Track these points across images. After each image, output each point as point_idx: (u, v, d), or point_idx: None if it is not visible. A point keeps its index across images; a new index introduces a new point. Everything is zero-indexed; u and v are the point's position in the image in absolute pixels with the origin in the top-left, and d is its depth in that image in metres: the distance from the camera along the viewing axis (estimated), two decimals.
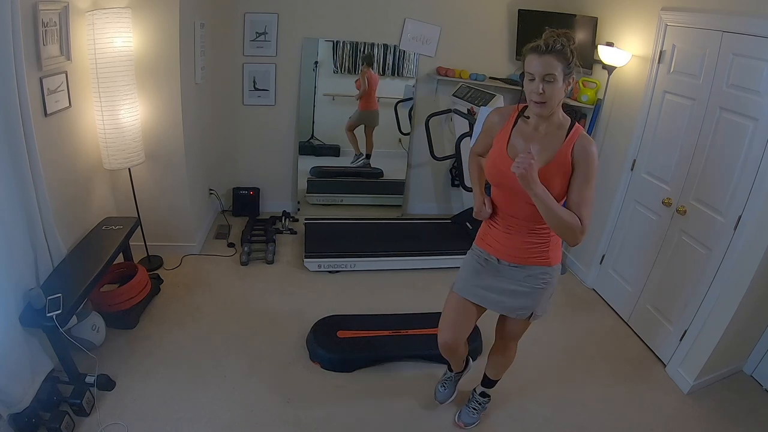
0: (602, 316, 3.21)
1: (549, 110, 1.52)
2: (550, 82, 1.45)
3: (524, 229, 1.69)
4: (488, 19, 3.94)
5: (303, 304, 3.03)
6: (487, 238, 1.82)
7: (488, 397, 2.25)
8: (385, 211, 4.39)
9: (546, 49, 1.44)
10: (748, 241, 2.25)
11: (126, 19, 2.61)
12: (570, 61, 1.46)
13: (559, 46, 1.44)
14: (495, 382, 2.20)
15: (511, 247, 1.73)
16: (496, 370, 2.15)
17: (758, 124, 2.20)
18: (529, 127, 1.62)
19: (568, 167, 1.54)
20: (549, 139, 1.57)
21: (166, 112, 2.99)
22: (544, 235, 1.69)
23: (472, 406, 2.24)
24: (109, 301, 2.59)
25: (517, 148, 1.61)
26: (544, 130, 1.59)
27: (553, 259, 1.74)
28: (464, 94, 3.52)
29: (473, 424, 2.23)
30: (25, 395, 1.97)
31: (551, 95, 1.47)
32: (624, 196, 3.14)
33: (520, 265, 1.74)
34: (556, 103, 1.51)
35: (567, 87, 1.50)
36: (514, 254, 1.74)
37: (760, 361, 2.68)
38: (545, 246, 1.70)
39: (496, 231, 1.77)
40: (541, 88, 1.46)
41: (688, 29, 2.60)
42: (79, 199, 2.66)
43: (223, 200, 4.12)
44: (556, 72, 1.44)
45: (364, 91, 3.96)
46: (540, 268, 1.73)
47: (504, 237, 1.74)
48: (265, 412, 2.23)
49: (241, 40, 3.70)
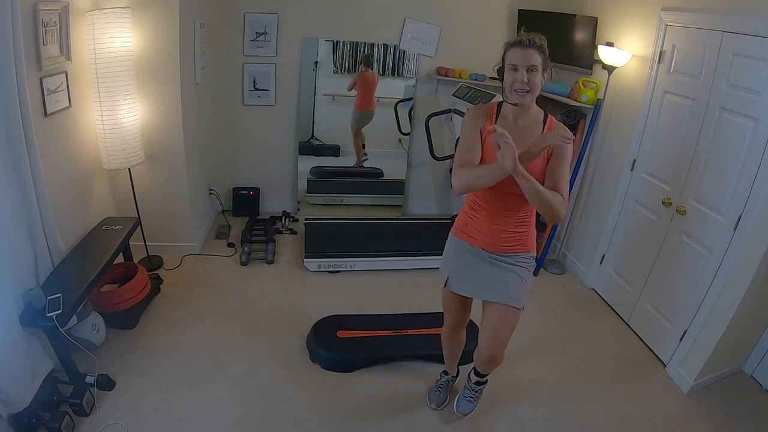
0: (602, 316, 3.21)
1: (531, 99, 1.64)
2: (533, 71, 1.59)
3: (511, 220, 1.79)
4: (488, 19, 3.94)
5: (303, 304, 3.03)
6: (468, 228, 1.87)
7: (484, 384, 2.18)
8: (385, 211, 4.39)
9: (528, 44, 1.59)
10: (748, 241, 2.25)
11: (126, 19, 2.61)
12: (546, 56, 1.62)
13: (538, 41, 1.60)
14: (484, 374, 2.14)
15: (495, 237, 1.81)
16: (489, 367, 2.05)
17: (758, 124, 2.20)
18: (508, 121, 1.72)
19: (547, 154, 1.66)
20: (528, 131, 1.70)
21: (166, 112, 2.99)
22: (525, 224, 1.81)
23: (468, 395, 2.21)
24: (109, 301, 2.59)
25: None
26: (522, 123, 1.71)
27: (531, 245, 1.86)
28: (464, 94, 3.52)
29: (471, 412, 2.21)
30: (25, 395, 1.97)
31: (534, 84, 1.61)
32: (624, 196, 3.14)
33: (504, 254, 1.83)
34: (536, 93, 1.64)
35: (544, 80, 1.64)
36: (498, 243, 1.81)
37: (760, 361, 2.68)
38: (525, 235, 1.83)
39: (480, 221, 1.83)
40: (525, 78, 1.59)
41: (688, 29, 2.60)
42: (79, 199, 2.67)
43: (223, 200, 4.12)
44: (537, 63, 1.59)
45: (353, 85, 3.96)
46: (522, 255, 1.84)
47: (488, 227, 1.81)
48: (265, 412, 2.23)
49: (241, 40, 3.70)
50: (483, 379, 2.16)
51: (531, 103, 1.66)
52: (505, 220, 1.78)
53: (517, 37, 1.63)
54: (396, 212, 4.42)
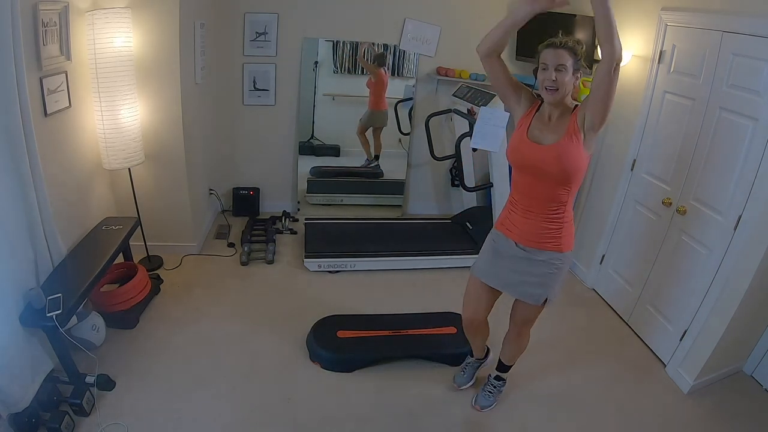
0: (602, 316, 3.21)
1: (559, 97, 1.72)
2: (561, 71, 1.68)
3: (542, 214, 1.83)
4: (488, 18, 3.90)
5: (303, 304, 3.03)
6: (506, 222, 1.96)
7: (503, 381, 2.36)
8: (385, 211, 4.39)
9: (560, 45, 1.69)
10: (748, 242, 2.25)
11: (126, 19, 2.61)
12: (579, 57, 1.70)
13: (570, 43, 1.69)
14: (509, 366, 2.33)
15: (528, 231, 1.87)
16: (510, 355, 2.29)
17: (758, 124, 2.20)
18: (543, 116, 1.81)
19: (579, 135, 1.71)
20: (559, 123, 1.78)
21: (166, 112, 2.99)
22: (559, 221, 1.83)
23: (487, 389, 2.36)
24: (109, 301, 2.59)
25: (534, 134, 1.80)
26: (555, 118, 1.79)
27: (565, 245, 1.87)
28: (464, 94, 3.51)
29: (489, 407, 2.35)
30: (25, 395, 1.97)
31: (562, 83, 1.69)
32: (624, 196, 3.14)
33: (535, 249, 1.88)
34: (565, 92, 1.72)
35: (575, 80, 1.72)
36: (530, 238, 1.87)
37: (760, 361, 2.68)
38: (559, 232, 1.85)
39: (515, 215, 1.91)
40: (553, 76, 1.68)
41: (688, 29, 2.60)
42: (79, 199, 2.66)
43: (223, 200, 4.12)
44: (567, 63, 1.68)
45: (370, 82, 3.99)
46: (553, 253, 1.87)
47: (522, 221, 1.88)
48: (265, 412, 2.23)
49: (241, 40, 3.70)
50: (504, 375, 2.35)
51: (560, 100, 1.74)
52: (537, 212, 1.83)
53: (551, 38, 1.73)
54: (396, 212, 4.42)
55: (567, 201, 1.80)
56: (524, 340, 2.22)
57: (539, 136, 1.77)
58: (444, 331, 2.75)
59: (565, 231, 1.85)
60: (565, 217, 1.84)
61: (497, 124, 2.88)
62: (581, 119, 1.70)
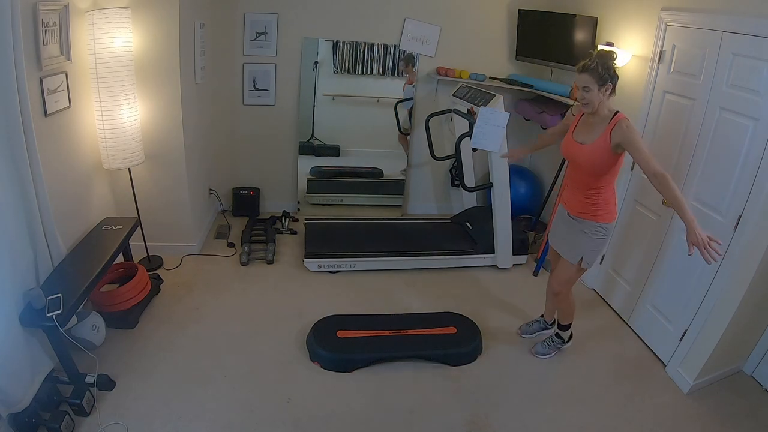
0: (602, 316, 3.21)
1: (590, 109, 2.17)
2: (587, 91, 2.11)
3: (582, 192, 2.31)
4: (488, 18, 3.94)
5: (303, 304, 3.03)
6: (564, 196, 2.51)
7: (561, 339, 2.71)
8: (385, 211, 4.39)
9: (582, 69, 2.09)
10: (748, 241, 2.25)
11: (126, 19, 2.61)
12: (602, 76, 2.06)
13: (592, 66, 2.05)
14: (561, 325, 2.69)
15: (573, 203, 2.39)
16: (557, 315, 2.71)
17: (758, 124, 2.20)
18: (586, 122, 2.26)
19: (607, 144, 2.12)
20: (596, 128, 2.20)
21: (166, 112, 2.99)
22: (594, 197, 2.28)
23: (546, 341, 2.76)
24: (109, 301, 2.59)
25: (577, 135, 2.27)
26: (591, 122, 2.23)
27: (600, 217, 2.29)
28: (464, 94, 3.51)
29: (544, 355, 2.73)
30: (25, 395, 1.97)
31: (589, 100, 2.13)
32: (624, 196, 3.14)
33: (577, 218, 2.36)
34: (595, 105, 2.13)
35: (604, 93, 2.10)
36: (574, 208, 2.38)
37: (760, 361, 2.68)
38: (595, 207, 2.29)
39: (567, 192, 2.47)
40: (581, 95, 2.14)
41: (688, 29, 2.60)
42: (79, 199, 2.66)
43: (223, 200, 4.12)
44: (591, 85, 2.09)
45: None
46: (588, 222, 2.32)
47: (570, 196, 2.41)
48: (265, 412, 2.23)
49: (241, 40, 3.70)
50: (562, 333, 2.70)
51: (592, 112, 2.18)
52: (579, 191, 2.33)
53: (582, 60, 2.11)
54: (396, 212, 4.42)
55: (601, 185, 2.23)
56: (561, 300, 2.56)
57: (580, 137, 2.24)
58: (444, 331, 2.75)
59: (601, 206, 2.28)
60: (601, 196, 2.26)
61: (497, 124, 2.88)
62: (615, 140, 2.08)
